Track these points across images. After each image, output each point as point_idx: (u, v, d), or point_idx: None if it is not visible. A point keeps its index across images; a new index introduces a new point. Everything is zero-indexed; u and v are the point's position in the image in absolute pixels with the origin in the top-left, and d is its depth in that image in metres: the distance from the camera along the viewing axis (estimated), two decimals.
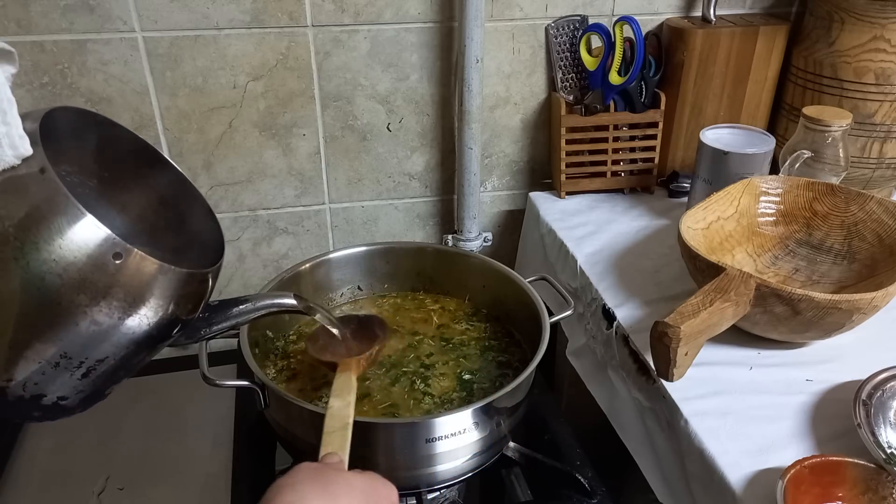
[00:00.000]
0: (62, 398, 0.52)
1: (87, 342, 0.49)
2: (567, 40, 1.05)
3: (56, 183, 0.46)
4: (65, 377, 0.50)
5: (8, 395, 0.50)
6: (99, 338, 0.49)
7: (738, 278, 0.70)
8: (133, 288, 0.49)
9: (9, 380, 0.49)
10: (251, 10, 0.94)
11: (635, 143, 1.08)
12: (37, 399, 0.51)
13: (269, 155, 1.05)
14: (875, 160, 0.99)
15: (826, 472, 0.59)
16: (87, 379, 0.52)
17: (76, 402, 0.53)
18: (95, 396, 0.55)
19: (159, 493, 0.84)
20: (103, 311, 0.48)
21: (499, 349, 0.83)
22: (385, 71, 1.03)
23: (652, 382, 0.74)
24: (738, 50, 1.03)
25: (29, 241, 0.45)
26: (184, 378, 1.01)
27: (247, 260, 1.12)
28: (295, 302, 0.67)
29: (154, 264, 0.49)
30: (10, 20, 0.89)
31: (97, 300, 0.47)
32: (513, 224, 1.19)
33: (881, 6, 0.91)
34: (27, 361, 0.48)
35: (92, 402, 0.55)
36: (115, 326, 0.49)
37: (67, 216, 0.46)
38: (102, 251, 0.47)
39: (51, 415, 0.53)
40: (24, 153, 0.46)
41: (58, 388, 0.51)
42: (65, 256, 0.46)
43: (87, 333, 0.49)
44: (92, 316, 0.48)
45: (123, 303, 0.49)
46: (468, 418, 0.66)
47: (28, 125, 0.46)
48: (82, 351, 0.49)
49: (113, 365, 0.52)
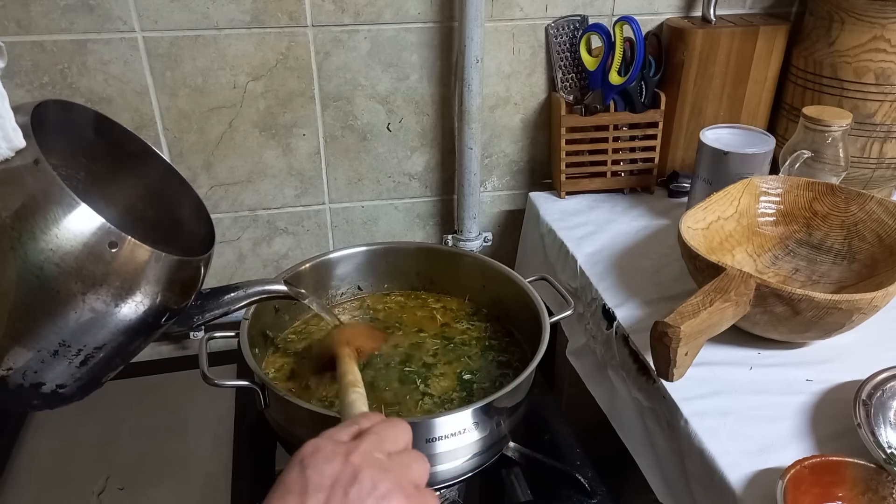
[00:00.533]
0: (61, 386, 0.53)
1: (85, 329, 0.50)
2: (567, 40, 1.05)
3: (50, 173, 0.46)
4: (63, 365, 0.51)
5: (8, 384, 0.50)
6: (96, 325, 0.50)
7: (738, 278, 0.70)
8: (128, 275, 0.50)
9: (8, 369, 0.50)
10: (251, 10, 0.94)
11: (635, 143, 1.08)
12: (36, 387, 0.51)
13: (269, 155, 1.05)
14: (875, 160, 0.99)
15: (826, 472, 0.59)
16: (85, 367, 0.52)
17: (74, 389, 0.54)
18: (93, 384, 0.55)
19: (159, 493, 0.84)
20: (100, 299, 0.49)
21: (499, 349, 0.83)
22: (385, 71, 1.03)
23: (652, 382, 0.74)
24: (738, 50, 1.03)
25: (26, 231, 0.46)
26: (184, 378, 1.01)
27: (247, 260, 1.12)
28: (285, 288, 0.68)
29: (148, 252, 0.50)
30: (10, 20, 0.89)
31: (94, 288, 0.48)
32: (513, 224, 1.19)
33: (881, 6, 0.91)
34: (26, 350, 0.49)
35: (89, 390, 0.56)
36: (111, 313, 0.50)
37: (63, 206, 0.46)
38: (98, 240, 0.48)
39: (50, 403, 0.53)
40: (18, 145, 0.46)
41: (56, 376, 0.52)
42: (62, 245, 0.47)
43: (84, 321, 0.49)
44: (89, 303, 0.49)
45: (119, 290, 0.50)
46: (468, 418, 0.66)
47: (20, 118, 0.47)
48: (80, 338, 0.50)
49: (110, 352, 0.53)
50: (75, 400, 0.55)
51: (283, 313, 0.85)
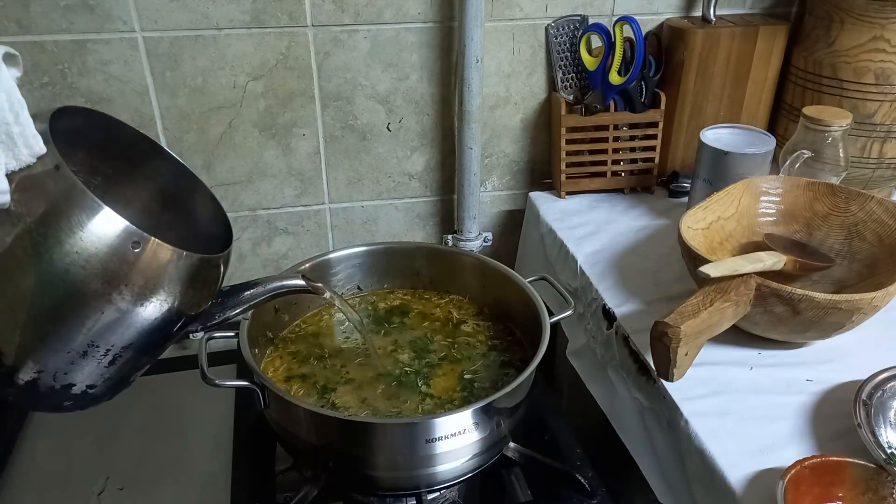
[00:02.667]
0: (91, 386, 0.54)
1: (112, 330, 0.51)
2: (567, 40, 1.05)
3: (72, 178, 0.47)
4: (92, 365, 0.52)
5: (39, 387, 0.51)
6: (122, 325, 0.51)
7: (738, 278, 0.70)
8: (152, 275, 0.51)
9: (39, 371, 0.51)
10: (251, 10, 0.94)
11: (635, 143, 1.08)
12: (66, 388, 0.52)
13: (269, 155, 1.05)
14: (875, 160, 0.99)
15: (826, 472, 0.59)
16: (114, 366, 0.53)
17: (104, 389, 0.55)
18: (122, 384, 0.56)
19: (159, 493, 0.84)
20: (126, 299, 0.50)
21: (501, 349, 0.83)
22: (385, 71, 1.02)
23: (652, 382, 0.74)
24: (738, 50, 1.03)
25: (51, 236, 0.47)
26: (184, 378, 1.01)
27: (247, 260, 1.12)
28: (303, 283, 0.69)
29: (170, 251, 0.51)
30: (10, 20, 0.89)
31: (119, 288, 0.49)
32: (513, 224, 1.19)
33: (881, 6, 0.91)
34: (55, 352, 0.50)
35: (118, 390, 0.57)
36: (137, 313, 0.51)
37: (86, 209, 0.47)
38: (122, 241, 0.49)
39: (81, 403, 0.54)
40: (39, 151, 0.47)
41: (86, 376, 0.53)
42: (86, 248, 0.48)
43: (110, 321, 0.50)
44: (115, 304, 0.50)
45: (143, 289, 0.51)
46: (468, 418, 0.66)
47: (38, 125, 0.48)
48: (107, 338, 0.51)
49: (137, 351, 0.54)
50: (105, 400, 0.56)
51: (282, 313, 0.85)
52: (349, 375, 0.78)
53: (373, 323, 0.87)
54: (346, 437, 0.68)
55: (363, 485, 0.72)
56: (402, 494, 0.73)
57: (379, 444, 0.67)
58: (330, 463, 0.70)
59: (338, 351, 0.82)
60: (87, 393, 0.54)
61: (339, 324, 0.87)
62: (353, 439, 0.67)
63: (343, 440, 0.68)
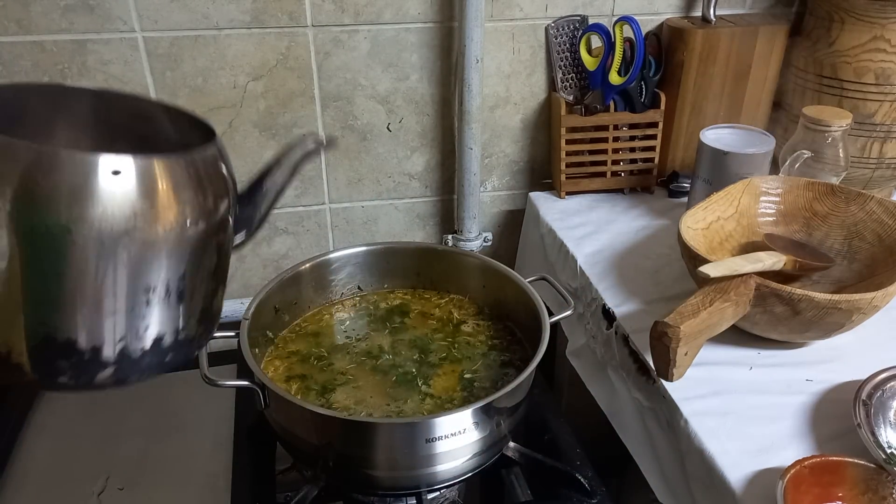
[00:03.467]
0: (179, 331, 0.51)
1: (150, 265, 0.48)
2: (567, 40, 1.05)
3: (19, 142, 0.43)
4: (163, 309, 0.49)
5: (131, 354, 0.49)
6: (158, 255, 0.48)
7: (738, 278, 0.70)
8: (150, 194, 0.46)
9: (120, 339, 0.48)
10: (251, 10, 0.94)
11: (635, 143, 1.08)
12: (157, 344, 0.50)
13: (269, 155, 1.04)
14: (875, 160, 0.99)
15: (826, 472, 0.59)
16: (184, 302, 0.50)
17: (193, 329, 0.52)
18: (208, 316, 0.53)
19: (159, 493, 0.84)
20: (141, 230, 0.46)
21: (501, 348, 0.83)
22: (385, 71, 1.03)
23: (652, 382, 0.74)
24: (738, 50, 1.03)
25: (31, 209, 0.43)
26: (184, 378, 1.00)
27: (247, 260, 1.12)
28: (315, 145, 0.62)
29: (158, 162, 0.47)
30: (10, 20, 0.89)
31: (129, 224, 0.46)
32: (513, 224, 1.19)
33: (881, 6, 0.91)
34: (116, 314, 0.47)
35: (210, 326, 0.54)
36: (163, 238, 0.47)
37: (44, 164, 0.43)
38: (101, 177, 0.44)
39: (181, 354, 0.51)
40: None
41: (166, 322, 0.50)
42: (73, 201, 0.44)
43: (142, 258, 0.47)
44: (137, 239, 0.46)
45: (151, 212, 0.46)
46: (468, 418, 0.66)
47: None
48: (154, 275, 0.48)
49: (196, 278, 0.50)
50: (206, 340, 0.53)
51: (282, 313, 0.85)
52: (349, 375, 0.78)
53: (373, 323, 0.87)
54: (346, 437, 0.68)
55: (363, 484, 0.72)
56: (402, 494, 0.73)
57: (379, 444, 0.67)
58: (330, 463, 0.70)
59: (338, 351, 0.82)
60: (179, 341, 0.50)
61: (340, 324, 0.87)
62: (354, 439, 0.68)
63: (343, 440, 0.68)
